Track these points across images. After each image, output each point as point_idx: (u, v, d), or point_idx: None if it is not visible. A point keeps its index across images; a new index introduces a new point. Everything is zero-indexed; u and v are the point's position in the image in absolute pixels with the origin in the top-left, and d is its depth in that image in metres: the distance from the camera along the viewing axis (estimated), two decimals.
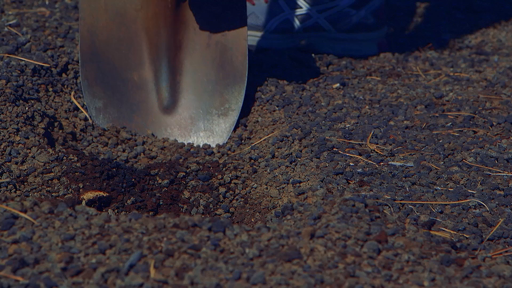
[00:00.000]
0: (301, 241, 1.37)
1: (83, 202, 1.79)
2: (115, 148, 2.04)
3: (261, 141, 2.04)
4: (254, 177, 1.91)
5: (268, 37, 2.47)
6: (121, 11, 2.10)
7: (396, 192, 1.71)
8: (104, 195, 1.81)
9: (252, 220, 1.85)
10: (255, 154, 1.97)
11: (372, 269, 1.33)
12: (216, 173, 1.92)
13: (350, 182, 1.75)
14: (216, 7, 2.07)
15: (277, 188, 1.84)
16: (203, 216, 1.63)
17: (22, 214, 1.40)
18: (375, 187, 1.73)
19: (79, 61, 2.09)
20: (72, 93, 2.11)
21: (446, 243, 1.45)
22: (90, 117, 2.07)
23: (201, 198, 1.88)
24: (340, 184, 1.73)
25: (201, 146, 2.06)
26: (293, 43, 2.49)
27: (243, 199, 1.89)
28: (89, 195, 1.80)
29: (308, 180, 1.80)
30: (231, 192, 1.90)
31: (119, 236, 1.36)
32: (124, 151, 2.04)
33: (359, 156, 1.87)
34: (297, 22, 2.47)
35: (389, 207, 1.59)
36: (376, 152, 1.89)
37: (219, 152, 2.04)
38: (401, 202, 1.67)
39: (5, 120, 1.95)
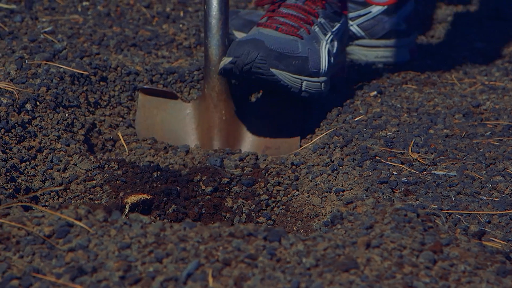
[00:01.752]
0: (357, 251, 1.37)
1: (127, 206, 1.78)
2: (157, 154, 2.04)
3: (302, 148, 2.04)
4: (295, 185, 1.91)
5: None
6: (177, 128, 2.10)
7: (442, 202, 1.71)
8: (148, 198, 1.81)
9: (294, 228, 1.84)
10: (296, 160, 1.96)
11: (429, 279, 1.33)
12: (259, 179, 1.90)
13: (395, 191, 1.75)
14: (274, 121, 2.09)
15: (319, 196, 1.84)
16: (257, 225, 1.62)
17: (77, 222, 1.40)
18: (420, 197, 1.72)
19: None
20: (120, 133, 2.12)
21: (500, 253, 1.45)
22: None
23: (243, 206, 1.87)
24: (385, 193, 1.73)
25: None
26: None
27: (284, 207, 1.88)
28: (132, 198, 1.79)
29: (352, 189, 1.80)
30: (272, 199, 1.89)
31: (175, 244, 1.36)
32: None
33: (401, 165, 1.86)
34: None
35: (440, 216, 1.58)
36: (419, 161, 1.89)
37: (262, 158, 2.02)
38: (448, 211, 1.66)
39: (46, 127, 1.95)
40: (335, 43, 2.10)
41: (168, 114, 2.11)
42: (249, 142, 2.09)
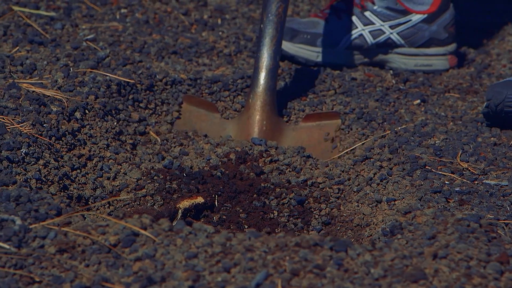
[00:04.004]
0: (425, 262, 1.36)
1: (179, 211, 1.77)
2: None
3: (346, 158, 2.03)
4: (343, 195, 1.90)
5: (342, 54, 2.47)
6: (214, 138, 2.11)
7: (498, 212, 1.70)
8: (200, 202, 1.80)
9: (344, 237, 1.84)
10: (343, 168, 1.95)
11: None
12: (307, 189, 1.90)
13: (450, 200, 1.74)
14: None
15: (370, 205, 1.83)
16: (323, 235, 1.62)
17: (143, 231, 1.39)
18: (475, 206, 1.71)
19: None
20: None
21: None
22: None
23: (292, 216, 1.86)
24: (440, 203, 1.72)
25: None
26: (366, 59, 2.49)
27: (333, 215, 1.87)
28: (185, 203, 1.78)
29: (404, 198, 1.79)
30: (323, 206, 1.88)
31: (242, 254, 1.35)
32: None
33: (452, 174, 1.86)
34: (370, 38, 2.47)
35: (502, 227, 1.58)
36: (469, 170, 1.88)
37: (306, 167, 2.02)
38: (505, 222, 1.66)
39: (95, 135, 1.95)
40: None
41: (206, 125, 2.13)
42: None
